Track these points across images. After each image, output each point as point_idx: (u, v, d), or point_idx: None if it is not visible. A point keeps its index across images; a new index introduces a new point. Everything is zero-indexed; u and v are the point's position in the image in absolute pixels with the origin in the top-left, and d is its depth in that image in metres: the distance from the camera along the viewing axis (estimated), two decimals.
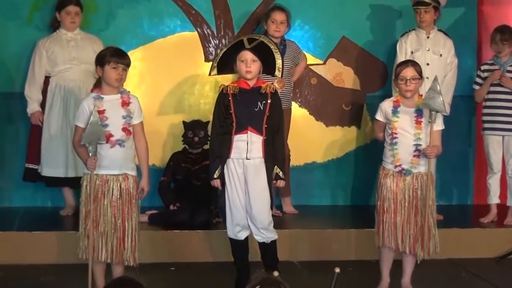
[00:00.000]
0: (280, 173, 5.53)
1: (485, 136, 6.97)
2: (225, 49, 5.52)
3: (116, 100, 5.18)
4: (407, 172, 5.40)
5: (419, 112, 5.42)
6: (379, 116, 5.56)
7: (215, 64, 5.52)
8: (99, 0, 7.19)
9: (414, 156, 5.40)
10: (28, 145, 6.92)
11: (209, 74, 5.63)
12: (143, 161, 5.33)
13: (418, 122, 5.41)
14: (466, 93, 7.30)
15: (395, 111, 5.46)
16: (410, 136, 5.41)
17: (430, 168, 5.43)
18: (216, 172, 5.46)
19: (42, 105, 6.77)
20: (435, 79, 5.44)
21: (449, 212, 7.04)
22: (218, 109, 5.51)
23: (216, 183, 5.49)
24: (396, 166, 5.42)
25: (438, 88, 5.34)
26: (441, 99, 5.32)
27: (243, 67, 5.43)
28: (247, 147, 5.43)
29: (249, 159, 5.43)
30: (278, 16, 6.86)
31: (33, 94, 6.76)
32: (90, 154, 5.05)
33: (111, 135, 5.11)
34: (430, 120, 5.34)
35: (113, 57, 5.14)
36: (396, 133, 5.43)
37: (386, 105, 5.52)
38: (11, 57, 7.07)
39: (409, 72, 5.43)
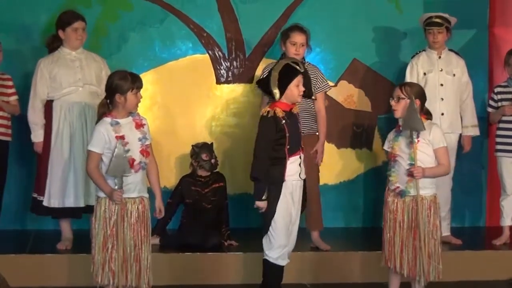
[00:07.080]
0: None
1: (498, 158, 6.94)
2: (277, 74, 5.35)
3: (130, 123, 5.18)
4: (402, 193, 5.41)
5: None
6: (386, 147, 5.62)
7: (277, 89, 5.35)
8: (110, 23, 7.22)
9: (409, 175, 5.40)
10: (37, 175, 6.60)
11: (276, 99, 5.38)
12: (156, 181, 5.33)
13: (412, 143, 5.40)
14: (478, 114, 7.28)
15: (396, 136, 5.51)
16: (407, 157, 5.43)
17: (419, 190, 5.39)
18: (265, 194, 5.39)
19: (46, 131, 6.43)
20: (411, 99, 5.38)
21: (462, 234, 7.01)
22: (270, 132, 5.37)
23: (263, 204, 5.40)
24: (395, 188, 5.45)
25: (415, 106, 5.33)
26: (419, 117, 5.32)
27: (297, 91, 5.39)
28: (301, 168, 5.47)
29: (303, 179, 5.50)
30: (299, 38, 6.39)
31: (37, 120, 6.43)
32: (116, 186, 5.02)
33: (133, 160, 5.10)
34: (411, 140, 5.35)
35: (134, 83, 5.14)
36: (394, 156, 5.47)
37: (391, 134, 5.59)
38: (26, 80, 7.06)
39: (395, 92, 5.48)
